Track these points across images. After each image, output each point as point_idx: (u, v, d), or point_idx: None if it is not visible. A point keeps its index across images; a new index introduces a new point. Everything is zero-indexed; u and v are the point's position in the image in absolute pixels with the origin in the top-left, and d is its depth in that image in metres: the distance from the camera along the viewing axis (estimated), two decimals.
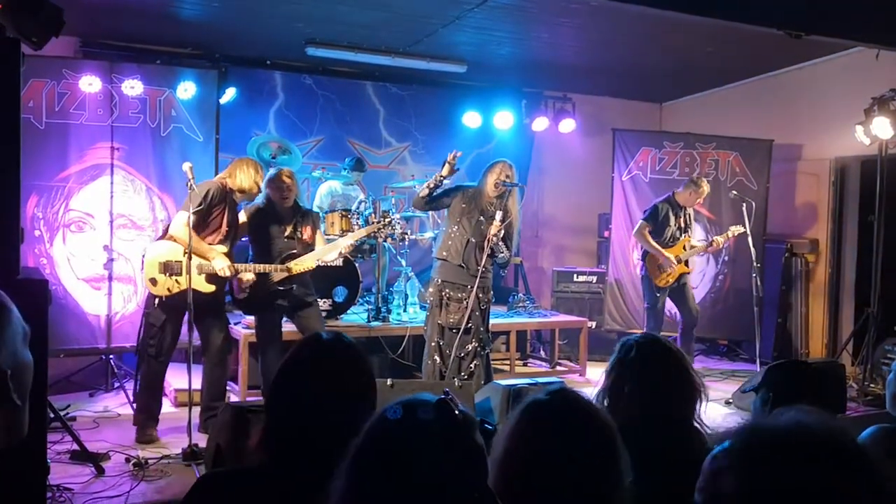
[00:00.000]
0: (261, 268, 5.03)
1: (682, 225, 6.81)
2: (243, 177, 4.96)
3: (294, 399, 1.72)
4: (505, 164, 5.41)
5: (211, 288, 4.88)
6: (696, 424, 2.25)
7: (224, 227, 4.90)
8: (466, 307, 5.24)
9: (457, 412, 1.33)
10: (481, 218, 5.33)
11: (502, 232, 5.26)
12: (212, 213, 4.84)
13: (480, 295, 5.37)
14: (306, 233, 5.33)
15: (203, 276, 4.83)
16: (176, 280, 4.74)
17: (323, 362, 1.76)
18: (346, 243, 5.43)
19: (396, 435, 1.30)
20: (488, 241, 5.20)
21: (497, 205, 5.34)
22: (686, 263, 6.79)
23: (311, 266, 5.21)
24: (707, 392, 2.29)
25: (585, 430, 1.57)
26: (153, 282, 4.78)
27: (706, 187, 6.75)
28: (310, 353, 1.81)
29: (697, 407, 2.24)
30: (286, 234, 5.24)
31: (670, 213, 6.71)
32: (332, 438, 1.63)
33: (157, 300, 4.78)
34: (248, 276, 4.99)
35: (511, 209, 5.38)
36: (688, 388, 2.24)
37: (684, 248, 6.76)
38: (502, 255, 5.34)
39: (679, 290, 6.81)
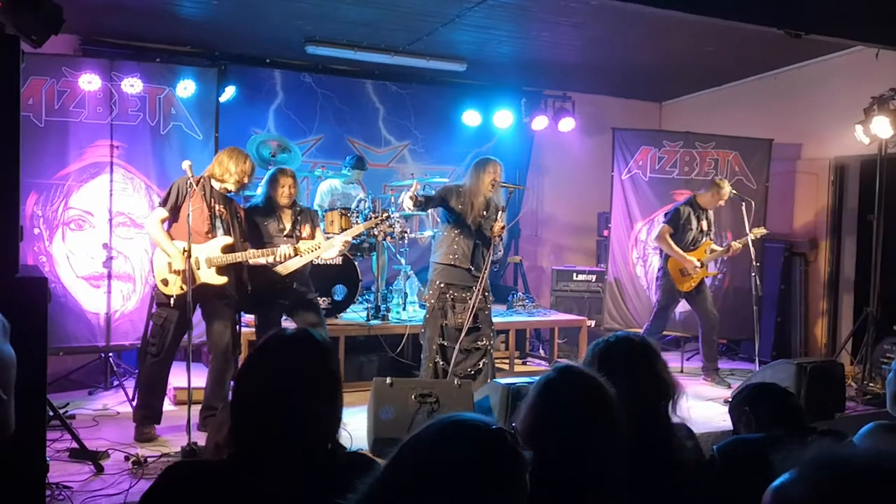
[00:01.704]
0: (269, 252, 5.00)
1: (704, 228, 6.80)
2: (215, 163, 4.98)
3: (256, 395, 1.69)
4: (496, 162, 5.52)
5: (223, 280, 4.87)
6: (675, 422, 2.24)
7: (206, 212, 4.86)
8: (471, 306, 5.30)
9: (513, 443, 1.32)
10: (480, 220, 5.41)
11: (506, 232, 5.36)
12: (182, 206, 4.81)
13: (486, 294, 5.46)
14: (305, 231, 5.34)
15: (213, 269, 4.83)
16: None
17: (286, 359, 1.73)
18: (343, 239, 5.41)
19: (447, 444, 1.29)
20: (494, 240, 5.31)
21: (493, 203, 5.45)
22: (706, 267, 6.79)
23: (318, 245, 5.19)
24: (681, 390, 2.27)
25: (594, 394, 1.79)
26: (165, 282, 4.77)
27: (727, 188, 6.74)
28: (273, 349, 1.78)
29: (672, 404, 2.23)
30: (285, 232, 5.25)
31: (692, 216, 6.71)
32: (294, 436, 1.65)
33: (171, 299, 4.75)
34: (259, 261, 4.98)
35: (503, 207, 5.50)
36: (657, 386, 2.22)
37: (706, 251, 6.75)
38: (499, 253, 5.46)
39: (698, 293, 6.81)
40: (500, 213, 5.41)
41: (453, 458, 1.27)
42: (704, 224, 6.80)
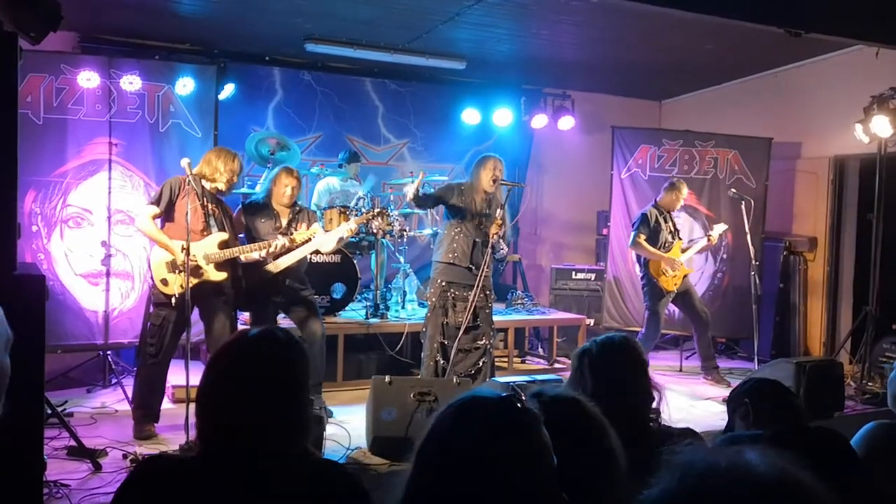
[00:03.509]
0: (266, 245, 4.99)
1: (672, 229, 6.84)
2: (203, 163, 4.95)
3: (220, 394, 1.71)
4: (497, 159, 5.50)
5: (222, 275, 4.86)
6: (653, 423, 2.29)
7: (200, 211, 4.83)
8: (470, 305, 5.30)
9: (520, 406, 1.34)
10: (480, 217, 5.40)
11: (504, 230, 5.32)
12: (175, 204, 4.79)
13: (487, 293, 5.45)
14: (301, 229, 5.32)
15: (212, 265, 4.82)
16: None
17: (247, 359, 1.74)
18: (348, 227, 5.38)
19: (459, 428, 1.31)
20: (492, 238, 5.28)
21: (495, 201, 5.43)
22: (685, 264, 6.81)
23: (313, 234, 5.16)
24: (663, 392, 2.35)
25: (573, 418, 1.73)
26: (164, 282, 4.72)
27: (685, 188, 6.85)
28: (235, 349, 1.79)
29: (655, 405, 2.30)
30: (280, 230, 5.23)
31: (659, 218, 6.74)
32: (259, 434, 1.65)
33: (172, 299, 4.71)
34: (253, 256, 4.99)
35: (501, 202, 5.46)
36: (643, 388, 2.28)
37: (681, 250, 6.77)
38: (502, 251, 5.43)
39: (685, 296, 6.82)
40: (499, 211, 5.37)
41: (468, 441, 1.29)
42: (672, 225, 6.85)
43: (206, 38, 7.17)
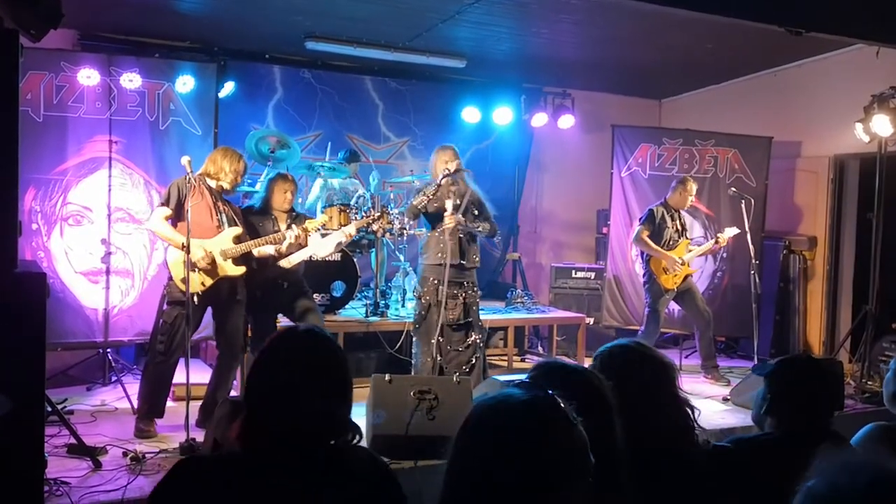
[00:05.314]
0: (280, 238, 5.00)
1: (679, 227, 6.83)
2: (209, 162, 4.98)
3: (271, 392, 1.72)
4: (447, 148, 5.49)
5: (241, 269, 4.91)
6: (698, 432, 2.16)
7: (212, 208, 4.86)
8: (463, 302, 5.30)
9: (562, 406, 1.32)
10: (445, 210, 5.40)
11: (461, 217, 5.29)
12: (184, 204, 4.80)
13: (475, 289, 5.48)
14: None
15: (229, 260, 4.85)
16: (206, 274, 4.77)
17: (300, 355, 1.76)
18: (336, 241, 5.40)
19: (489, 430, 1.30)
20: (455, 230, 5.31)
21: (456, 191, 5.41)
22: (688, 264, 6.80)
23: (326, 221, 5.25)
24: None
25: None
26: (184, 281, 4.75)
27: (692, 184, 6.82)
28: (286, 346, 1.81)
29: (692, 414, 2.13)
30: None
31: (666, 216, 6.73)
32: (309, 431, 1.68)
33: (195, 297, 4.71)
34: (267, 250, 5.03)
35: (464, 189, 5.45)
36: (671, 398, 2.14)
37: (685, 250, 6.76)
38: (480, 230, 5.40)
39: (687, 294, 6.81)
40: (448, 203, 5.29)
41: (498, 442, 1.27)
42: (678, 224, 6.83)
43: (206, 36, 7.16)
